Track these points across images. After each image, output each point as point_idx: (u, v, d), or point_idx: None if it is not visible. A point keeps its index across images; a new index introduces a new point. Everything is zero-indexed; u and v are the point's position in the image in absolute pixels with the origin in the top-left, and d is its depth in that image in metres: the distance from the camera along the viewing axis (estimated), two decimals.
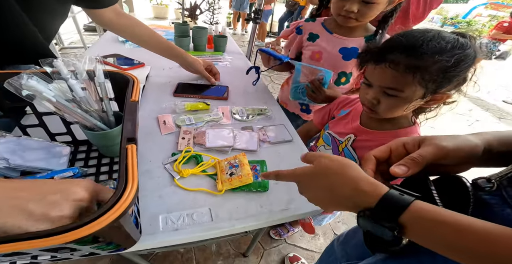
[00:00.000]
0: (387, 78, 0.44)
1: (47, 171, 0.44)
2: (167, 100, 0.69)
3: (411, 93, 0.43)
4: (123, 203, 0.23)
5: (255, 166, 0.52)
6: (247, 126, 0.62)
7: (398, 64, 0.42)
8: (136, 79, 0.42)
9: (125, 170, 0.26)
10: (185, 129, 0.58)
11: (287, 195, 0.48)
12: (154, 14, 4.53)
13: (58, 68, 0.40)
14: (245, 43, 3.88)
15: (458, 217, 0.21)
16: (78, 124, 0.45)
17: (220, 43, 1.09)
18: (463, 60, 0.39)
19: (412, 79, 0.41)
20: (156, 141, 0.56)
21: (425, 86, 0.41)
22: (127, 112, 0.34)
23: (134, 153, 0.29)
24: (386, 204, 0.24)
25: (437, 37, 0.40)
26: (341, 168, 0.27)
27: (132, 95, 0.37)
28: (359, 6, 0.59)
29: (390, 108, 0.47)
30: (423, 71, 0.40)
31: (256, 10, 1.06)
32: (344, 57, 0.71)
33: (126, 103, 0.35)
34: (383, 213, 0.23)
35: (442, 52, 0.39)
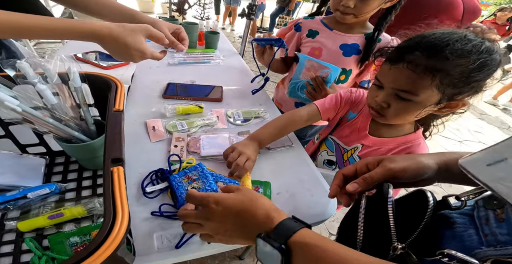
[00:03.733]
0: (402, 79, 0.41)
1: (18, 189, 0.38)
2: (155, 103, 0.63)
3: (426, 98, 0.40)
4: (112, 241, 0.19)
5: (258, 188, 0.47)
6: (244, 131, 0.58)
7: (417, 65, 0.39)
8: (120, 83, 0.37)
9: (111, 200, 0.21)
10: (177, 135, 0.53)
11: (289, 207, 0.45)
12: (139, 9, 4.31)
13: (23, 70, 0.33)
14: (236, 38, 3.78)
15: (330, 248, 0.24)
16: (52, 135, 0.39)
17: (212, 39, 1.04)
18: (487, 65, 0.36)
19: (430, 82, 0.39)
20: (145, 150, 0.51)
21: (442, 91, 0.39)
22: (110, 125, 0.29)
23: (122, 177, 0.24)
24: (281, 228, 0.27)
25: (463, 39, 0.37)
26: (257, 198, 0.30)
27: (115, 103, 0.32)
28: (356, 1, 0.59)
29: (399, 113, 0.44)
30: (444, 74, 0.37)
31: (251, 5, 1.01)
32: (344, 53, 0.69)
33: (108, 114, 0.30)
34: (277, 234, 0.26)
35: (468, 54, 0.36)
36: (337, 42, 0.69)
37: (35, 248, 0.29)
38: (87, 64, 0.77)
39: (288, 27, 0.80)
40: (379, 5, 0.60)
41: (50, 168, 0.45)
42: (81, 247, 0.31)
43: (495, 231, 0.24)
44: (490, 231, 0.25)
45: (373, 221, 0.30)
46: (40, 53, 2.52)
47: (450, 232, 0.28)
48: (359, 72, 0.73)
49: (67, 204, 0.39)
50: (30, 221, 0.33)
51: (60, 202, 0.39)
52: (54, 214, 0.34)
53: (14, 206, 0.36)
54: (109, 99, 0.32)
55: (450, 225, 0.28)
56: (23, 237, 0.33)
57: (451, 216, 0.29)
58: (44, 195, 0.38)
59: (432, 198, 0.29)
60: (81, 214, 0.36)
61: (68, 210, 0.35)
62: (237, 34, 3.95)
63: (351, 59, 0.69)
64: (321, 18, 0.73)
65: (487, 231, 0.25)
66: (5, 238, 0.33)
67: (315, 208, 0.47)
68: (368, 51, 0.67)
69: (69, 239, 0.31)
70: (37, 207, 0.36)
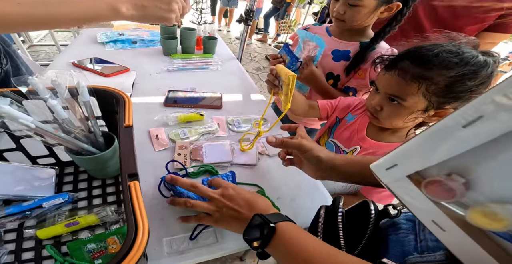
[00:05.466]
0: (393, 85, 0.45)
1: (33, 199, 0.40)
2: (157, 111, 0.65)
3: (413, 104, 0.43)
4: (136, 252, 0.21)
5: None
6: (244, 138, 0.61)
7: (406, 73, 0.42)
8: (127, 98, 0.39)
9: (132, 213, 0.23)
10: (180, 144, 0.55)
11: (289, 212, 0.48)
12: None
13: (34, 86, 0.35)
14: (232, 40, 3.79)
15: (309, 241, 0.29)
16: (62, 147, 0.41)
17: (210, 45, 1.05)
18: (472, 78, 0.38)
19: (416, 89, 0.41)
20: (149, 158, 0.53)
21: (428, 98, 0.42)
22: (123, 141, 0.31)
23: (138, 190, 0.26)
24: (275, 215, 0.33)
25: (453, 51, 0.39)
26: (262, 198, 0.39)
27: (125, 119, 0.34)
28: (346, 8, 0.61)
29: (390, 116, 0.48)
30: (429, 82, 0.40)
31: (248, 11, 1.02)
32: (334, 58, 0.72)
33: (119, 130, 0.32)
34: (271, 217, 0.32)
35: (452, 66, 0.38)
36: (331, 47, 0.72)
37: (56, 255, 0.32)
38: (86, 71, 0.78)
39: None
40: (372, 14, 0.61)
41: (61, 178, 0.46)
42: (98, 253, 0.33)
43: (427, 237, 0.26)
44: (424, 237, 0.26)
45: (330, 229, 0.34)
46: (34, 56, 2.49)
47: (395, 237, 0.30)
48: (348, 79, 0.74)
49: (80, 212, 0.41)
50: (48, 229, 0.35)
51: (73, 211, 0.41)
52: (70, 222, 0.36)
53: (31, 215, 0.38)
54: (119, 115, 0.34)
55: (396, 231, 0.31)
56: (42, 244, 0.35)
57: (398, 222, 0.32)
58: (58, 205, 0.40)
59: (374, 209, 0.34)
60: (95, 222, 0.38)
61: (82, 218, 0.37)
62: (233, 36, 3.95)
63: (338, 65, 0.72)
64: (328, 25, 0.76)
65: (422, 236, 0.26)
66: (25, 245, 0.35)
67: (314, 211, 0.49)
68: (357, 59, 0.68)
69: (86, 246, 0.33)
70: (52, 216, 0.38)
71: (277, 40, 3.72)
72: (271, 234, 0.30)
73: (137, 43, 1.07)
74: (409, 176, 0.19)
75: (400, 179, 0.20)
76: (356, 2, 0.59)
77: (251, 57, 3.29)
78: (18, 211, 0.37)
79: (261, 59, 3.29)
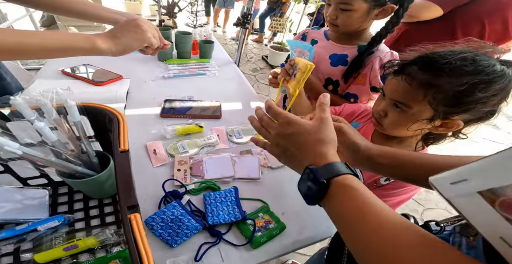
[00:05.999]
0: (399, 91, 0.43)
1: (27, 222, 0.38)
2: (154, 123, 0.62)
3: (418, 112, 0.41)
4: None
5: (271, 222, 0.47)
6: (246, 150, 0.58)
7: (414, 79, 0.40)
8: (122, 117, 0.36)
9: (135, 248, 0.21)
10: (179, 159, 0.53)
11: (296, 226, 0.46)
12: (126, 11, 4.19)
13: (18, 107, 0.32)
14: (227, 41, 3.75)
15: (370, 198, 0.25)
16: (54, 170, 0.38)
17: (206, 49, 1.02)
18: (484, 89, 0.36)
19: (423, 96, 0.40)
20: (148, 174, 0.51)
21: (435, 107, 0.39)
22: (119, 167, 0.29)
23: (140, 223, 0.24)
24: (330, 167, 0.28)
25: (466, 59, 0.37)
26: (325, 138, 0.31)
27: (120, 143, 0.31)
28: (338, 13, 0.60)
29: (394, 123, 0.46)
30: (436, 90, 0.38)
31: (245, 14, 1.00)
32: (331, 63, 0.71)
33: (114, 156, 0.30)
34: (323, 170, 0.28)
35: (463, 74, 0.36)
36: (328, 52, 0.71)
37: None
38: (77, 79, 0.73)
39: (298, 36, 0.84)
40: (366, 18, 0.60)
41: (54, 199, 0.44)
42: None
43: None
44: None
45: None
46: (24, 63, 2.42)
47: None
48: (348, 85, 0.72)
49: (79, 234, 0.39)
50: (46, 253, 0.34)
51: (71, 233, 0.39)
52: (69, 245, 0.35)
53: (27, 238, 0.36)
54: (113, 138, 0.32)
55: None
56: None
57: None
58: (54, 227, 0.38)
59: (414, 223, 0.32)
60: (95, 245, 0.36)
61: (82, 241, 0.35)
62: (229, 36, 3.91)
63: (336, 70, 0.70)
64: (326, 29, 0.75)
65: None
66: None
67: (321, 225, 0.48)
68: (354, 65, 0.66)
69: None
70: (49, 240, 0.36)
71: (273, 40, 3.69)
72: (322, 192, 0.27)
73: None
74: (480, 192, 0.19)
75: (468, 195, 0.20)
76: (347, 7, 0.57)
77: (248, 58, 3.26)
78: (12, 235, 0.36)
79: (257, 60, 3.26)
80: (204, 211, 0.46)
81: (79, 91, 0.65)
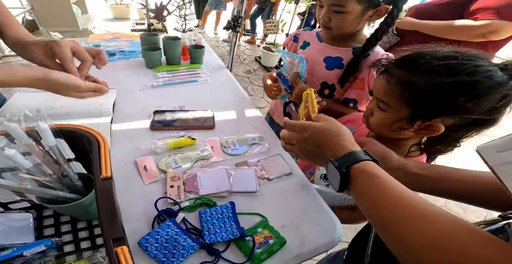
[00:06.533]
0: (380, 89, 0.43)
1: (12, 247, 0.34)
2: (144, 136, 0.59)
3: (397, 110, 0.41)
4: None
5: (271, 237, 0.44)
6: (241, 162, 0.56)
7: (392, 77, 0.40)
8: (102, 139, 0.33)
9: None
10: (172, 174, 0.50)
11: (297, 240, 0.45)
12: (113, 15, 4.09)
13: None
14: (219, 42, 3.71)
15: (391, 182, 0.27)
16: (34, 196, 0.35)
17: (197, 54, 0.98)
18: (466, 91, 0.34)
19: (400, 95, 0.39)
20: (139, 193, 0.48)
21: (412, 106, 0.39)
22: (101, 198, 0.26)
23: (128, 256, 0.21)
24: (349, 156, 0.31)
25: (447, 59, 0.35)
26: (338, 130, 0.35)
27: (101, 169, 0.28)
28: (331, 15, 0.59)
29: (377, 121, 0.46)
30: (412, 88, 0.37)
31: (236, 17, 0.97)
32: (327, 66, 0.69)
33: (96, 184, 0.27)
34: (343, 160, 0.31)
35: (437, 73, 0.35)
36: (323, 55, 0.69)
37: None
38: None
39: (289, 38, 0.82)
40: (360, 19, 0.58)
41: (40, 222, 0.41)
42: None
43: None
44: None
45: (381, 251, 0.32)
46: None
47: None
48: (345, 89, 0.70)
49: (69, 257, 0.37)
50: None
51: (61, 257, 0.37)
52: None
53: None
54: (93, 164, 0.29)
55: None
56: None
57: None
58: (41, 252, 0.35)
59: None
60: None
61: None
62: (221, 38, 3.87)
63: (332, 73, 0.68)
64: (318, 30, 0.73)
65: None
66: None
67: (323, 237, 0.46)
68: (350, 68, 0.64)
69: None
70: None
71: (265, 40, 3.67)
72: (346, 180, 0.30)
73: (116, 55, 0.98)
74: None
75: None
76: (340, 9, 0.56)
77: (241, 60, 3.23)
78: None
79: (250, 61, 3.23)
80: (200, 229, 0.43)
81: (60, 105, 0.61)
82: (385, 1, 0.56)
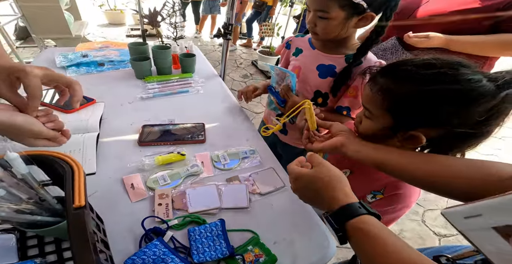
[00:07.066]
0: (365, 97, 0.43)
1: None
2: (131, 153, 0.58)
3: (380, 119, 0.41)
4: None
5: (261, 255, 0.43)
6: (233, 177, 0.55)
7: (375, 85, 0.40)
8: (77, 166, 0.31)
9: None
10: (160, 192, 0.49)
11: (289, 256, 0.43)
12: (108, 21, 4.09)
13: None
14: (215, 47, 3.71)
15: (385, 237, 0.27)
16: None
17: (188, 63, 0.97)
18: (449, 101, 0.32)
19: (381, 103, 0.39)
20: (126, 211, 0.46)
21: (394, 116, 0.38)
22: (74, 231, 0.24)
23: None
24: (343, 211, 0.30)
25: (429, 67, 0.34)
26: (329, 180, 0.34)
27: (74, 198, 0.27)
28: (316, 20, 0.59)
29: (364, 130, 0.46)
30: (393, 96, 0.37)
31: (226, 24, 0.96)
32: (320, 74, 0.68)
33: (68, 214, 0.26)
34: (336, 216, 0.30)
35: (417, 80, 0.34)
36: (315, 62, 0.68)
37: None
38: (43, 106, 0.66)
39: (282, 44, 0.82)
40: (344, 26, 0.57)
41: (23, 242, 0.40)
42: None
43: None
44: None
45: None
46: None
47: None
48: (338, 98, 0.70)
49: None
50: None
51: None
52: None
53: None
54: (66, 193, 0.27)
55: None
56: None
57: None
58: None
59: None
60: None
61: None
62: (217, 42, 3.88)
63: (325, 82, 0.68)
64: (310, 36, 0.72)
65: None
66: None
67: (315, 253, 0.45)
68: (342, 77, 0.64)
69: None
70: None
71: (262, 44, 3.68)
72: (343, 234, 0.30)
73: (105, 65, 0.96)
74: (495, 227, 0.20)
75: (483, 230, 0.21)
76: (324, 15, 0.56)
77: (237, 64, 3.23)
78: None
79: (247, 65, 3.23)
80: (189, 247, 0.42)
81: None
82: (372, 8, 0.55)
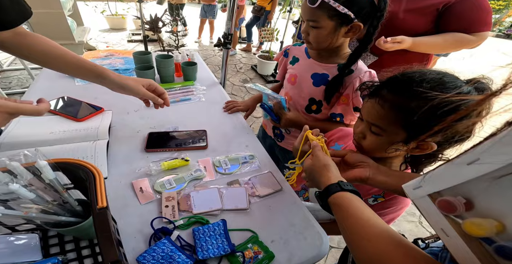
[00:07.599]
0: (373, 113, 0.43)
1: None
2: (139, 159, 0.62)
3: (393, 135, 0.42)
4: None
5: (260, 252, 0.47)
6: (233, 180, 0.59)
7: (386, 101, 0.40)
8: (97, 172, 0.36)
9: None
10: (166, 195, 0.53)
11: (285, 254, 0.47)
12: (110, 26, 4.16)
13: None
14: (216, 52, 3.77)
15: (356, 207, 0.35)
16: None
17: (189, 71, 1.01)
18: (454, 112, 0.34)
19: (394, 119, 0.40)
20: (136, 213, 0.51)
21: (407, 130, 0.40)
22: (99, 227, 0.29)
23: None
24: (326, 190, 0.39)
25: (435, 80, 0.37)
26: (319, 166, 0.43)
27: (97, 200, 0.32)
28: (309, 29, 0.61)
29: (371, 145, 0.46)
30: (407, 113, 0.38)
31: (226, 34, 1.01)
32: (314, 82, 0.71)
33: (93, 214, 0.30)
34: (321, 195, 0.40)
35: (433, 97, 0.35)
36: (310, 71, 0.71)
37: None
38: (54, 115, 0.70)
39: (280, 52, 0.85)
40: (334, 35, 0.60)
41: (45, 241, 0.44)
42: None
43: None
44: None
45: None
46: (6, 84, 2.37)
47: None
48: (332, 105, 0.73)
49: None
50: None
51: None
52: None
53: None
54: (90, 196, 0.32)
55: None
56: None
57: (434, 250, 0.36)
58: None
59: None
60: None
61: None
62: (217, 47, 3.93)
63: (319, 90, 0.71)
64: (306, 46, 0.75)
65: None
66: None
67: (309, 251, 0.48)
68: (333, 86, 0.67)
69: None
70: None
71: (261, 48, 3.74)
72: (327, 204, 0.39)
73: None
74: (430, 195, 0.26)
75: (423, 197, 0.26)
76: (315, 24, 0.59)
77: (237, 68, 3.27)
78: None
79: (247, 70, 3.27)
80: (194, 245, 0.46)
81: (59, 130, 0.64)
82: (359, 18, 0.57)
